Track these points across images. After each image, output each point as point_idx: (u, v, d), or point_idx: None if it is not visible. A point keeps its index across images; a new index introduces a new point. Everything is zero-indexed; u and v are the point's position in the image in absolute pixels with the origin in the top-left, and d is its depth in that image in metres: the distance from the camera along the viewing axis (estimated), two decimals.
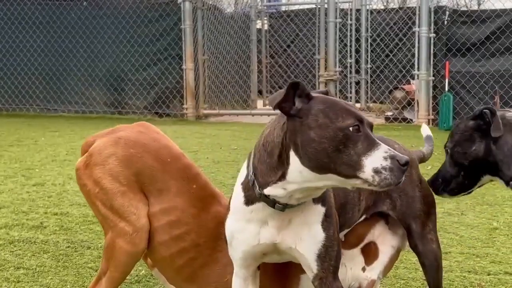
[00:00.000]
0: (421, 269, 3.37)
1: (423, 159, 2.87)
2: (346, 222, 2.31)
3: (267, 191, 1.93)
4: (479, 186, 2.67)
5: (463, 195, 2.68)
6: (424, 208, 2.53)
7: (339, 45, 11.62)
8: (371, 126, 1.86)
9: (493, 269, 3.50)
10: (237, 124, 10.71)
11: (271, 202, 1.95)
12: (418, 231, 2.50)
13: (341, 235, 2.42)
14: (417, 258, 3.47)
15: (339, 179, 1.82)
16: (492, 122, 2.46)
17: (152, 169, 2.42)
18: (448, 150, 2.59)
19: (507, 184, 2.50)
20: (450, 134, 2.65)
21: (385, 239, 2.60)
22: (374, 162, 1.76)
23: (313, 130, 1.82)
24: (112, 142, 2.47)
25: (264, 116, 10.91)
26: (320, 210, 2.01)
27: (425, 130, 3.06)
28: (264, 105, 13.37)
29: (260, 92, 13.65)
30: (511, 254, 3.73)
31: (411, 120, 10.40)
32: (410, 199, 2.48)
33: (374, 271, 2.55)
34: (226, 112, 11.96)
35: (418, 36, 10.21)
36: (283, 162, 1.89)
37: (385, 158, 1.76)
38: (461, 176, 2.55)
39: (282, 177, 1.90)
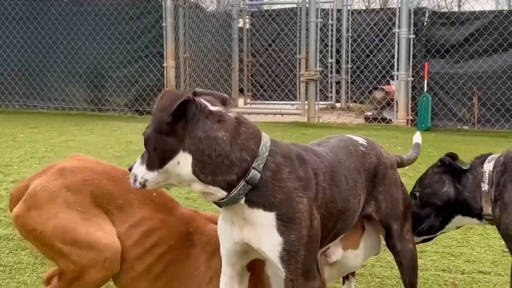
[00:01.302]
0: (396, 267, 3.43)
1: (401, 164, 2.91)
2: (346, 227, 2.35)
3: None
4: (443, 232, 2.81)
5: (427, 239, 2.81)
6: (404, 210, 2.60)
7: (320, 45, 11.68)
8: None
9: (467, 268, 3.57)
10: None
11: None
12: (398, 232, 2.57)
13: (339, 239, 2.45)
14: (392, 257, 3.53)
15: None
16: (454, 164, 2.64)
17: (107, 188, 2.37)
18: (417, 194, 2.75)
19: (480, 218, 2.65)
20: (417, 181, 2.81)
21: None
22: None
23: None
24: (55, 175, 2.36)
25: (245, 114, 10.90)
26: (263, 214, 2.00)
27: (417, 137, 3.09)
28: (245, 103, 13.39)
29: (241, 90, 13.67)
30: (485, 254, 3.80)
31: (390, 120, 10.50)
32: (394, 201, 2.55)
33: None
34: None
35: (398, 37, 10.30)
36: None
37: None
38: (432, 217, 2.71)
39: None
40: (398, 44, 10.28)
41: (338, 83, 13.26)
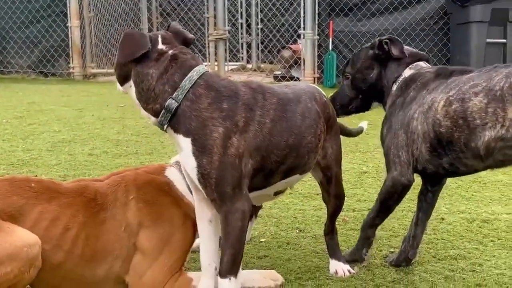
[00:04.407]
0: (291, 209, 3.61)
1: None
2: (302, 164, 2.49)
3: None
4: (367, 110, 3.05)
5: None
6: (340, 158, 2.83)
7: (229, 5, 11.64)
8: None
9: (358, 207, 3.79)
10: None
11: None
12: (337, 176, 2.79)
13: (292, 179, 2.57)
14: (288, 200, 3.71)
15: None
16: (391, 49, 2.79)
17: None
18: (349, 76, 2.94)
19: (385, 109, 2.87)
20: (350, 61, 2.98)
21: None
22: None
23: None
24: None
25: None
26: (184, 140, 2.26)
27: (363, 124, 3.32)
28: None
29: None
30: (375, 194, 3.96)
31: (298, 78, 10.70)
32: (338, 148, 2.77)
33: None
34: None
35: None
36: None
37: None
38: (359, 99, 2.95)
39: None
40: (304, 2, 10.43)
41: (248, 43, 13.32)
